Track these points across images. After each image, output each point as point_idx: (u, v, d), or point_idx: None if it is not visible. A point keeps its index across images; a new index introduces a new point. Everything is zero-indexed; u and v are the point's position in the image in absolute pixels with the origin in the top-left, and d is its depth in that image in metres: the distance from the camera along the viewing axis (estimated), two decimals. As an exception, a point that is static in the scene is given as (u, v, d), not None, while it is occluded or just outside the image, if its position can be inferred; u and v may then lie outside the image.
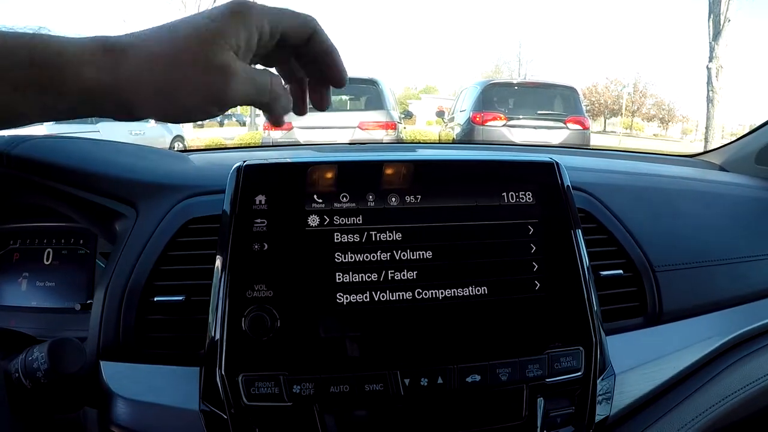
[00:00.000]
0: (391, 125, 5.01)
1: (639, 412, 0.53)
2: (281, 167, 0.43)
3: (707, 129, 7.68)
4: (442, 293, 0.41)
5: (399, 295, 0.41)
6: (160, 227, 0.53)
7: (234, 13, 0.32)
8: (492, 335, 0.42)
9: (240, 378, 0.39)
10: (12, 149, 0.55)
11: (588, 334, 0.43)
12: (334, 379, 0.39)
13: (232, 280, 0.40)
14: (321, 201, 0.42)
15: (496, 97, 5.58)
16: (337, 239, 0.41)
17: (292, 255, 0.41)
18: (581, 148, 3.58)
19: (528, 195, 0.45)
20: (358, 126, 4.82)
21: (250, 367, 0.39)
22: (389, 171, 0.44)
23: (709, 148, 1.21)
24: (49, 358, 0.41)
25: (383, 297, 0.41)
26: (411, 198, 0.43)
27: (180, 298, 0.49)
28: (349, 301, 0.40)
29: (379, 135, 4.87)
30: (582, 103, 5.87)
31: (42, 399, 0.44)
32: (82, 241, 0.66)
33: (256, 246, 0.40)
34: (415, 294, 0.41)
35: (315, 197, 0.42)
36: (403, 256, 0.42)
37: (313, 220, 0.42)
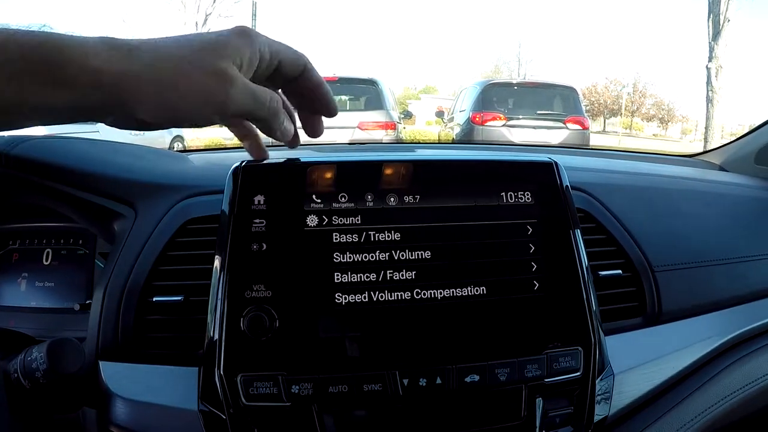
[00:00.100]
0: (391, 125, 5.01)
1: (638, 412, 0.53)
2: (280, 167, 0.43)
3: (707, 129, 7.69)
4: (440, 293, 0.41)
5: (398, 295, 0.41)
6: (158, 227, 0.53)
7: (240, 33, 0.35)
8: (491, 335, 0.42)
9: (239, 378, 0.39)
10: (11, 149, 0.55)
11: (587, 334, 0.43)
12: (332, 379, 0.39)
13: (230, 280, 0.40)
14: (320, 201, 0.42)
15: (495, 97, 5.59)
16: (336, 239, 0.41)
17: (290, 255, 0.41)
18: (580, 148, 3.59)
19: (527, 195, 0.45)
20: (357, 126, 4.82)
21: (248, 367, 0.39)
22: (388, 171, 0.44)
23: (709, 148, 1.21)
24: (48, 358, 0.41)
25: (382, 297, 0.41)
26: (410, 198, 0.43)
27: (179, 298, 0.49)
28: (348, 301, 0.40)
29: (379, 135, 4.87)
30: (581, 103, 5.87)
31: (41, 399, 0.44)
32: (81, 242, 0.66)
33: (254, 246, 0.40)
34: (414, 294, 0.41)
35: (314, 197, 0.42)
36: (402, 256, 0.42)
37: (312, 220, 0.42)
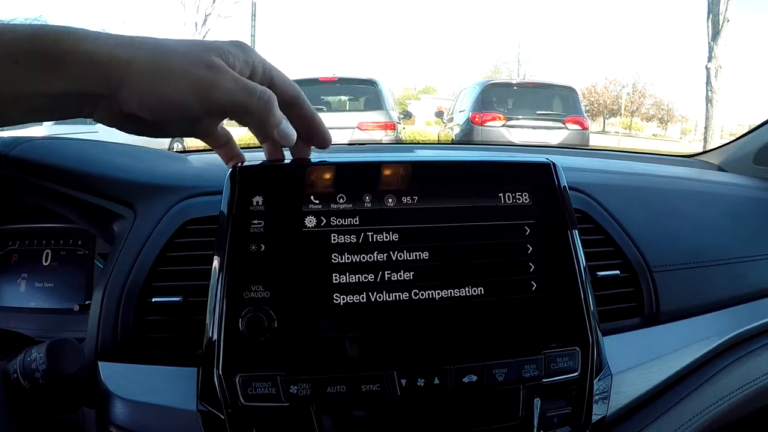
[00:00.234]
0: (390, 126, 5.01)
1: (636, 412, 0.53)
2: (278, 168, 0.43)
3: (706, 129, 7.69)
4: (438, 294, 0.41)
5: (396, 296, 0.41)
6: (157, 228, 0.53)
7: (237, 43, 0.37)
8: (488, 336, 0.42)
9: (237, 378, 0.39)
10: (10, 150, 0.55)
11: (585, 334, 0.43)
12: (330, 380, 0.39)
13: (229, 280, 0.40)
14: (318, 202, 0.42)
15: (495, 98, 5.59)
16: (334, 240, 0.41)
17: (289, 256, 0.41)
18: (579, 148, 3.59)
19: (525, 196, 0.45)
20: (357, 126, 4.82)
21: (247, 368, 0.39)
22: (386, 172, 0.44)
23: (708, 148, 1.21)
24: (48, 358, 0.41)
25: (380, 298, 0.41)
26: (408, 199, 0.43)
27: (178, 298, 0.49)
28: (346, 302, 0.40)
29: (378, 135, 4.87)
30: (581, 104, 5.88)
31: (40, 399, 0.44)
32: (80, 242, 0.66)
33: (253, 247, 0.41)
34: (412, 295, 0.41)
35: (312, 198, 0.42)
36: (400, 256, 0.42)
37: (310, 221, 0.42)
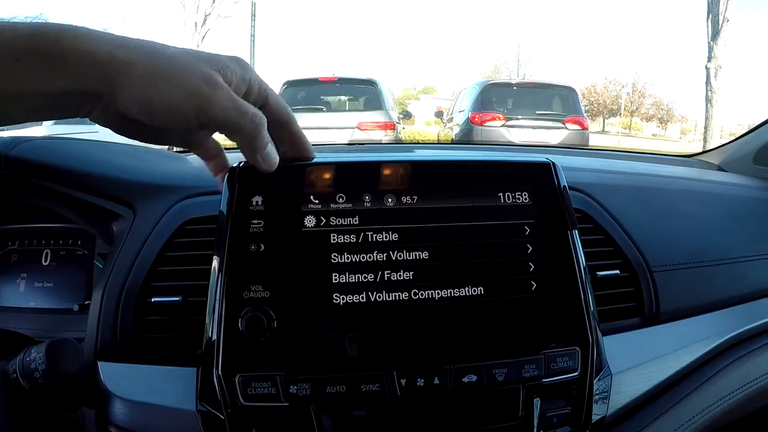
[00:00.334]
0: (390, 126, 5.01)
1: (636, 412, 0.53)
2: (278, 168, 0.43)
3: (706, 129, 7.69)
4: (438, 294, 0.41)
5: (395, 296, 0.41)
6: (157, 228, 0.53)
7: (236, 59, 0.37)
8: (488, 336, 0.42)
9: (237, 378, 0.39)
10: (10, 150, 0.55)
11: (584, 334, 0.43)
12: (330, 380, 0.39)
13: (228, 280, 0.40)
14: (317, 202, 0.42)
15: (495, 98, 5.59)
16: (334, 240, 0.41)
17: (288, 256, 0.41)
18: (578, 148, 3.59)
19: (524, 195, 0.45)
20: (356, 126, 4.83)
21: (246, 368, 0.39)
22: (386, 172, 0.44)
23: (708, 147, 1.21)
24: (47, 358, 0.41)
25: (380, 297, 0.41)
26: (407, 199, 0.43)
27: (177, 298, 0.49)
28: (346, 302, 0.40)
29: (378, 135, 4.87)
30: (581, 103, 5.88)
31: (40, 399, 0.44)
32: (80, 242, 0.66)
33: (252, 247, 0.40)
34: (412, 294, 0.41)
35: (311, 198, 0.42)
36: (400, 256, 0.42)
37: (310, 220, 0.42)
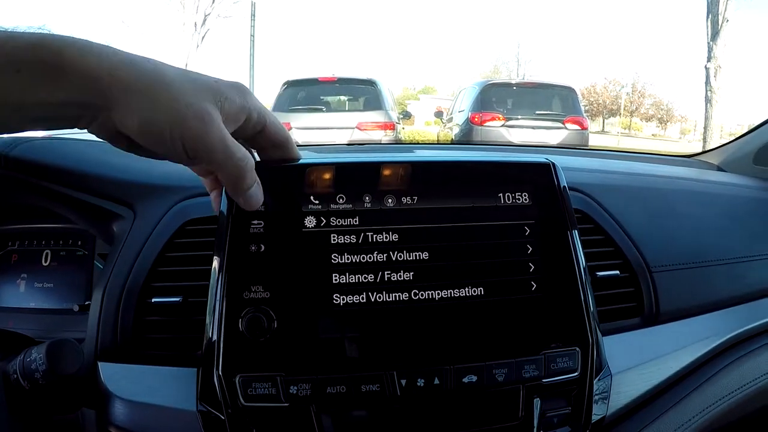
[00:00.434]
0: (390, 126, 5.01)
1: (636, 412, 0.53)
2: (278, 168, 0.43)
3: (705, 129, 7.69)
4: (438, 294, 0.41)
5: (395, 296, 0.41)
6: (157, 229, 0.53)
7: (236, 87, 0.36)
8: (488, 336, 0.42)
9: (237, 379, 0.39)
10: (10, 151, 0.55)
11: (584, 334, 0.43)
12: (330, 380, 0.39)
13: (229, 281, 0.40)
14: (318, 202, 0.42)
15: (494, 98, 5.59)
16: (334, 240, 0.41)
17: (288, 256, 0.41)
18: (578, 148, 3.59)
19: (524, 196, 0.45)
20: (356, 126, 4.83)
21: (247, 368, 0.39)
22: (386, 172, 0.44)
23: (708, 147, 1.21)
24: (48, 359, 0.41)
25: (380, 298, 0.41)
26: (407, 199, 0.43)
27: (177, 299, 0.49)
28: (346, 302, 0.40)
29: (378, 135, 4.87)
30: (580, 104, 5.88)
31: (40, 400, 0.44)
32: (80, 243, 0.66)
33: (252, 247, 0.40)
34: (412, 295, 0.41)
35: (312, 198, 0.42)
36: (400, 257, 0.42)
37: (310, 221, 0.42)
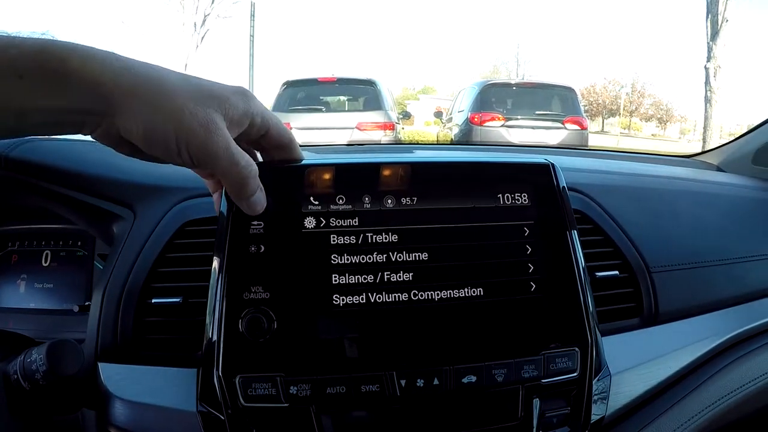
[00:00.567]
0: (389, 126, 5.01)
1: (635, 412, 0.53)
2: (278, 169, 0.43)
3: (705, 129, 7.68)
4: (438, 295, 0.41)
5: (395, 297, 0.41)
6: (157, 229, 0.53)
7: (239, 92, 0.36)
8: (488, 336, 0.42)
9: (237, 379, 0.39)
10: (10, 151, 0.56)
11: (584, 335, 0.43)
12: (330, 380, 0.39)
13: (228, 281, 0.40)
14: (317, 203, 0.42)
15: (494, 98, 5.59)
16: (334, 241, 0.41)
17: (288, 257, 0.41)
18: (578, 148, 3.59)
19: (523, 196, 0.45)
20: (356, 127, 4.83)
21: (247, 369, 0.39)
22: (385, 173, 0.44)
23: (707, 148, 1.21)
24: (48, 359, 0.41)
25: (379, 298, 0.41)
26: (407, 200, 0.43)
27: (177, 299, 0.49)
28: (346, 303, 0.40)
29: (378, 136, 4.87)
30: (580, 104, 5.87)
31: (40, 400, 0.44)
32: (80, 243, 0.66)
33: (252, 248, 0.41)
34: (411, 295, 0.41)
35: (311, 199, 0.42)
36: (399, 257, 0.42)
37: (310, 222, 0.42)
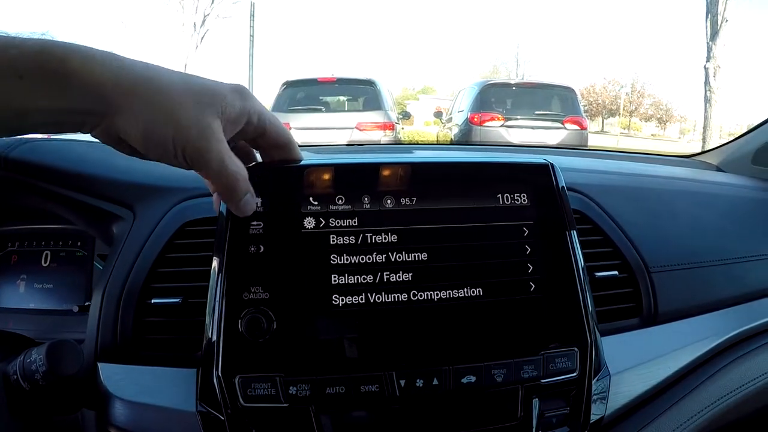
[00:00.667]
0: (389, 126, 5.01)
1: (635, 412, 0.53)
2: (277, 169, 0.43)
3: (705, 129, 7.68)
4: (437, 295, 0.41)
5: (394, 297, 0.41)
6: (157, 230, 0.53)
7: (237, 90, 0.36)
8: (487, 336, 0.42)
9: (236, 379, 0.39)
10: (10, 152, 0.56)
11: (583, 335, 0.44)
12: (329, 381, 0.39)
13: (228, 282, 0.40)
14: (317, 203, 0.42)
15: (494, 98, 5.59)
16: (333, 241, 0.41)
17: (288, 257, 0.41)
18: (577, 148, 3.59)
19: (523, 196, 0.45)
20: (355, 127, 4.82)
21: (246, 369, 0.39)
22: (384, 173, 0.44)
23: (707, 148, 1.21)
24: (48, 360, 0.41)
25: (379, 299, 0.41)
26: (406, 200, 0.43)
27: (177, 300, 0.49)
28: (345, 303, 0.40)
29: (377, 136, 4.87)
30: (580, 104, 5.87)
31: (40, 401, 0.44)
32: (79, 243, 0.66)
33: (252, 248, 0.41)
34: (411, 296, 0.41)
35: (311, 199, 0.42)
36: (399, 257, 0.42)
37: (309, 222, 0.42)
